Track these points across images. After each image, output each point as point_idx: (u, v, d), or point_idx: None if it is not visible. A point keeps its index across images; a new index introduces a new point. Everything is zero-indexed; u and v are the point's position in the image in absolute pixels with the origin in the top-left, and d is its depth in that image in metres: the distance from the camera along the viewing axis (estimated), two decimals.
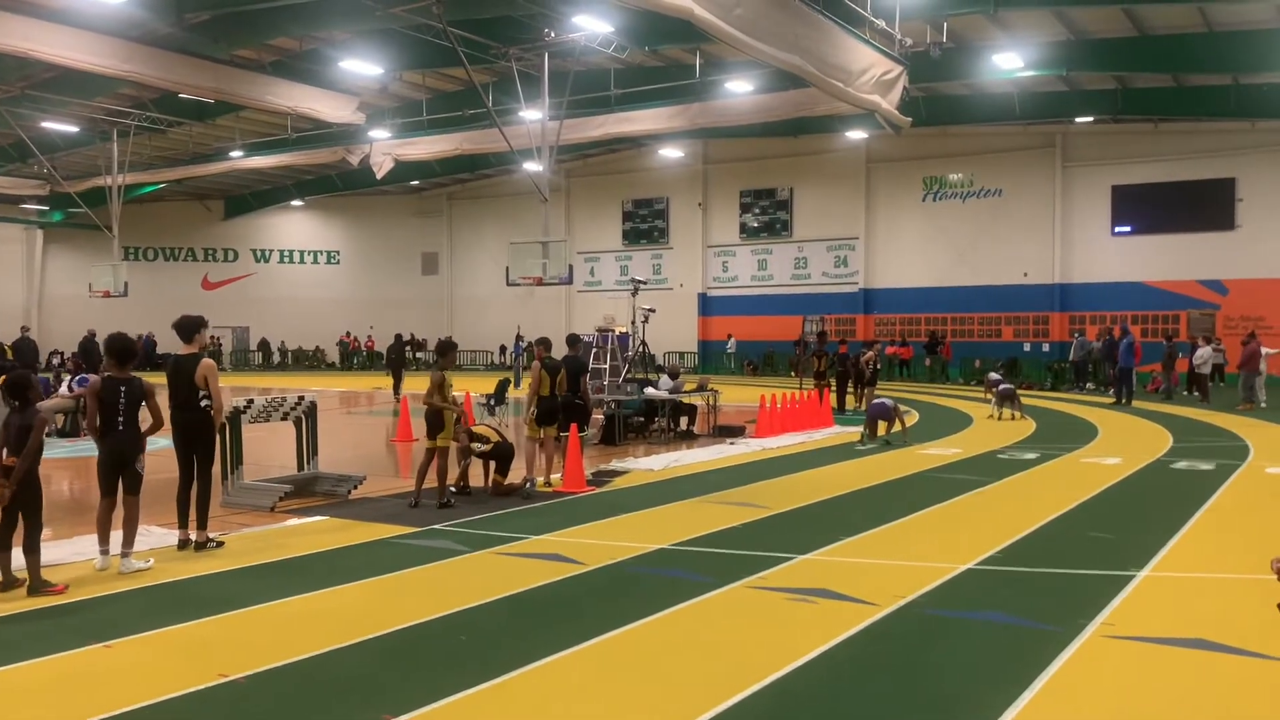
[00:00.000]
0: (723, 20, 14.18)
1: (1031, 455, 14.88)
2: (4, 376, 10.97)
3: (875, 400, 17.60)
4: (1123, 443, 16.60)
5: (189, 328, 8.74)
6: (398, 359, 28.14)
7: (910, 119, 22.97)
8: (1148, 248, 34.38)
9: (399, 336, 29.52)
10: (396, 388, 26.17)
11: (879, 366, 23.42)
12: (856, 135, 35.48)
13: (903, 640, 6.06)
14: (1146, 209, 34.32)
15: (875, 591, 6.97)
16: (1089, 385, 29.89)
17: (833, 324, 38.70)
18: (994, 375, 24.94)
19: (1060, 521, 9.84)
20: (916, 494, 11.36)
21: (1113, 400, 24.51)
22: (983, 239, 37.22)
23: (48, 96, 27.13)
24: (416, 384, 21.04)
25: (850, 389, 22.79)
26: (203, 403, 8.50)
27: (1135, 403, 23.90)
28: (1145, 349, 27.36)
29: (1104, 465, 13.81)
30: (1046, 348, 36.01)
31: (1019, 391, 22.01)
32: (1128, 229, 34.87)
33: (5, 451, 7.10)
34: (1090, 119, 32.93)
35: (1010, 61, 25.00)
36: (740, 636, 6.12)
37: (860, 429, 16.79)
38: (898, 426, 16.62)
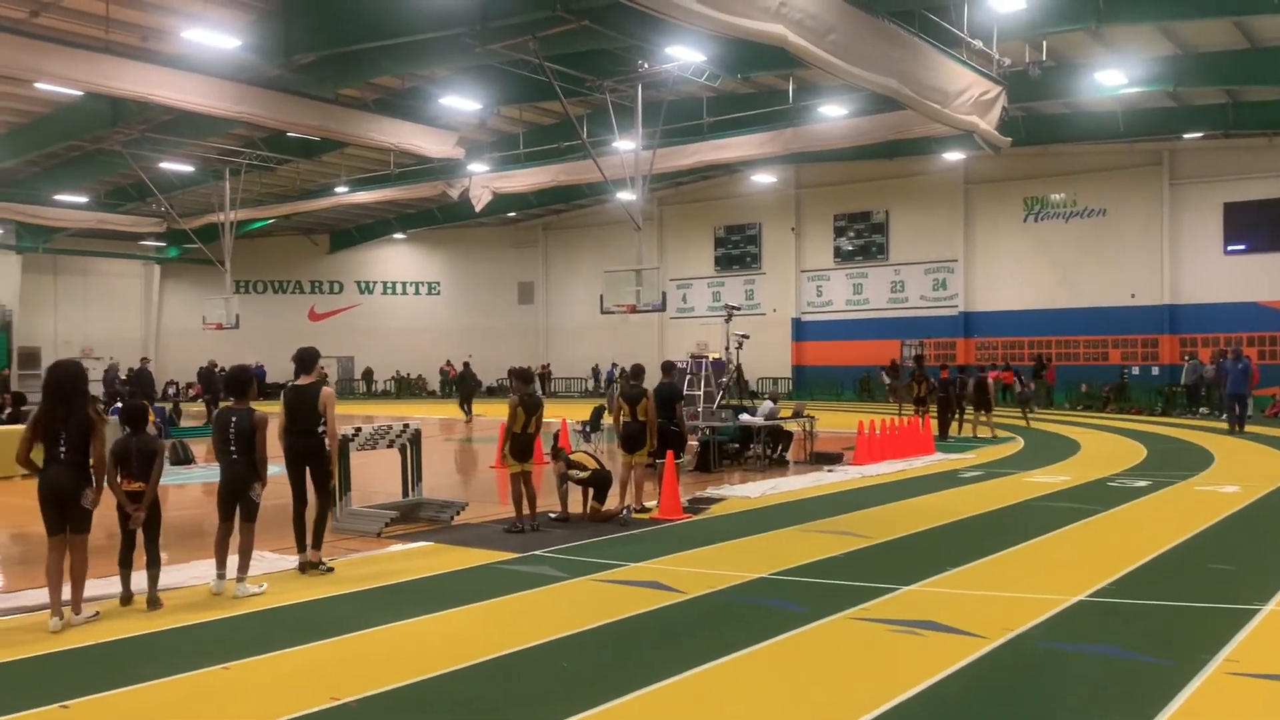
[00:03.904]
0: (817, 46, 14.15)
1: (1143, 483, 14.37)
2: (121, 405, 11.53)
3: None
4: (1240, 470, 15.93)
5: (310, 359, 9.15)
6: (468, 385, 29.60)
7: (1010, 139, 22.54)
8: (1263, 267, 32.99)
9: (466, 364, 32.62)
10: (467, 409, 29.62)
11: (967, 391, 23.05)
12: (954, 156, 35.01)
13: (1013, 674, 5.90)
14: (1261, 226, 33.00)
15: (983, 624, 6.80)
16: (1203, 410, 28.76)
17: (932, 348, 38.05)
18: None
19: (1176, 552, 9.47)
20: (1024, 523, 11.07)
21: (1227, 426, 23.54)
22: (1087, 260, 36.23)
23: (165, 138, 28.43)
24: (491, 409, 18.97)
25: (954, 415, 22.39)
26: (321, 430, 8.82)
27: (1254, 428, 22.91)
28: (1264, 371, 26.22)
29: (1221, 493, 13.25)
30: (1156, 371, 34.79)
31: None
32: (1241, 247, 33.55)
33: (119, 475, 7.57)
34: (1199, 134, 31.85)
35: (1113, 78, 24.39)
36: (844, 669, 6.04)
37: (963, 455, 16.44)
38: None
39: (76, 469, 7.06)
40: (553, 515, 11.46)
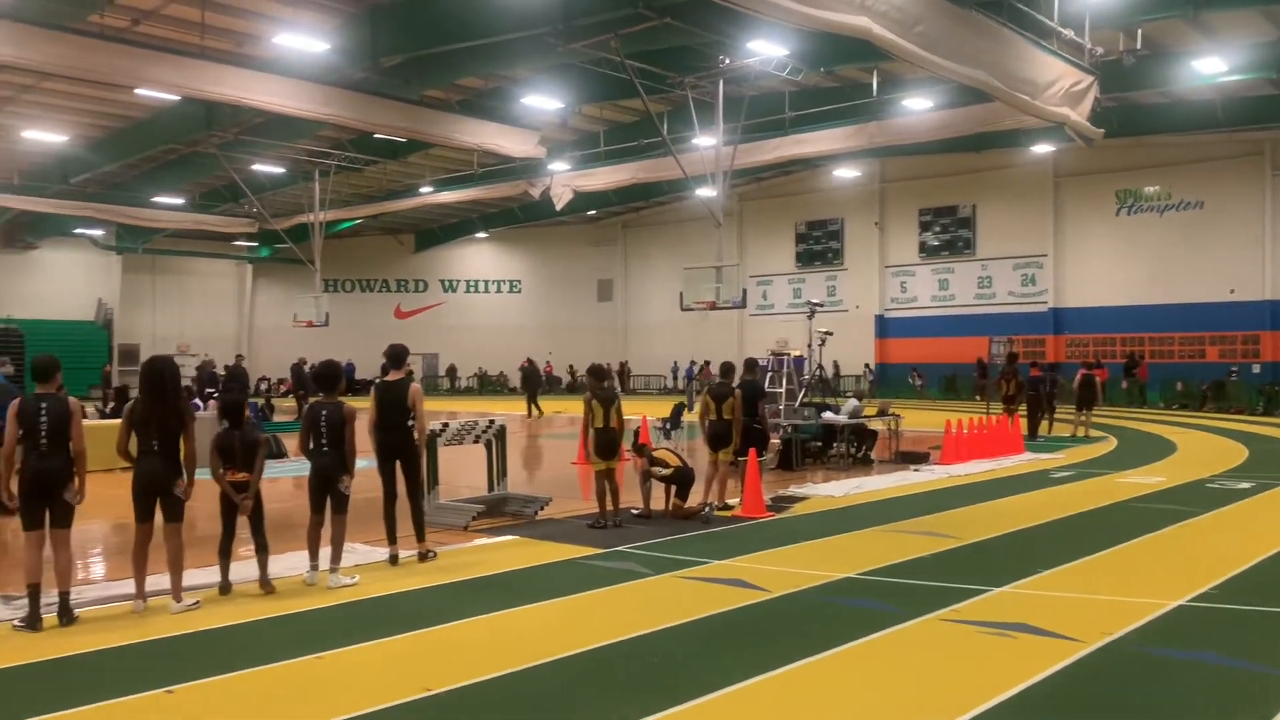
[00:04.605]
0: (903, 38, 13.94)
1: (1245, 485, 13.86)
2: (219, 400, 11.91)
3: None
4: None
5: (400, 355, 9.39)
6: (533, 383, 31.53)
7: (1102, 130, 21.86)
8: None
9: (531, 362, 33.67)
10: (530, 408, 30.01)
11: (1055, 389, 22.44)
12: (1043, 149, 34.15)
13: (1110, 680, 5.74)
14: None
15: (1079, 627, 6.63)
16: None
17: (1021, 345, 37.17)
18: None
19: None
20: (1119, 525, 10.76)
21: None
22: (1183, 254, 35.06)
23: (257, 141, 29.21)
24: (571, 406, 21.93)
25: (1044, 414, 21.83)
26: (409, 424, 8.98)
27: None
28: None
29: None
30: (1257, 369, 33.52)
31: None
32: None
33: (222, 467, 7.86)
34: None
35: (1212, 66, 23.54)
36: (934, 671, 5.94)
37: (1053, 454, 16.06)
38: None
39: (169, 460, 7.37)
40: (635, 511, 11.49)
